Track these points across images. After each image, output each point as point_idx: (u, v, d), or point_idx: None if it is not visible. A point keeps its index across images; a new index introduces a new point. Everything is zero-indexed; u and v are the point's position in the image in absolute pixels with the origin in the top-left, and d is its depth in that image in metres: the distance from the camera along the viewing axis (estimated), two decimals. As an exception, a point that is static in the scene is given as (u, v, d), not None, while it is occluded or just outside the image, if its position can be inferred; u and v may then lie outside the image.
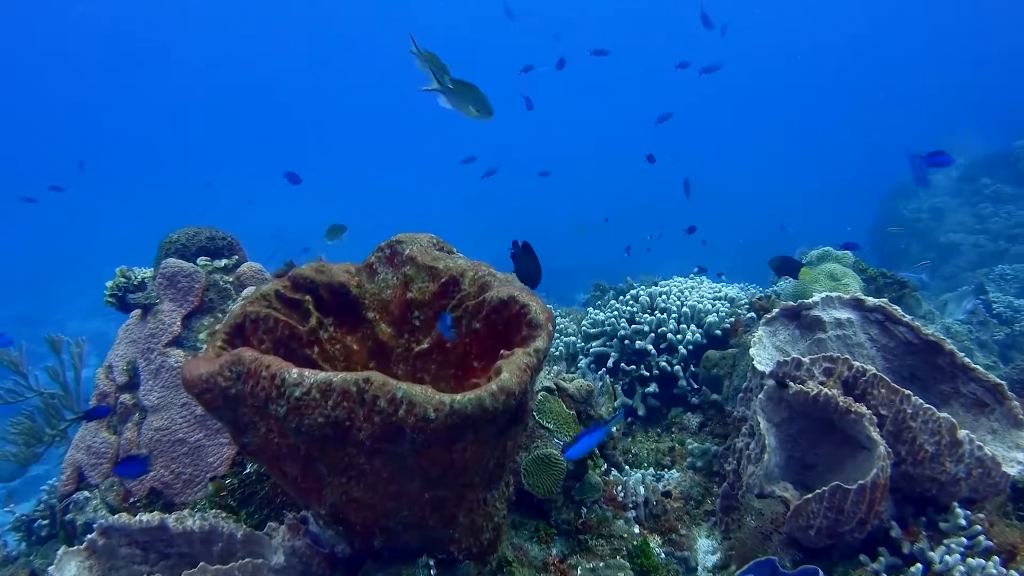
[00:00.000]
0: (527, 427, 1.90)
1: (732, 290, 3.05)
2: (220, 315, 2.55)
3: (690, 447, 2.56)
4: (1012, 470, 1.81)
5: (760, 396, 2.01)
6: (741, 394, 2.32)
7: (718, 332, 2.81)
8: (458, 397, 1.12)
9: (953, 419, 1.78)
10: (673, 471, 2.57)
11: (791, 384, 1.95)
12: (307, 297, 1.66)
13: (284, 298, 1.62)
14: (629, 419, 2.86)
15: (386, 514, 1.35)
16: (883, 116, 24.51)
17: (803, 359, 1.97)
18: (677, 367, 2.78)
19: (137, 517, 1.58)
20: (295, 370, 1.14)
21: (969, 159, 9.65)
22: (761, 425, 1.98)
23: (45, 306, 13.24)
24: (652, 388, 2.80)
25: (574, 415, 2.09)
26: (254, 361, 1.18)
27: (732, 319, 2.84)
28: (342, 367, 1.70)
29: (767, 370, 2.07)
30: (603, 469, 2.13)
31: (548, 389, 2.11)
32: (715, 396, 2.69)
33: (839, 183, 18.81)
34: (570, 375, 2.21)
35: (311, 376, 1.12)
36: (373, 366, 1.74)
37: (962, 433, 1.77)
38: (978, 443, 1.77)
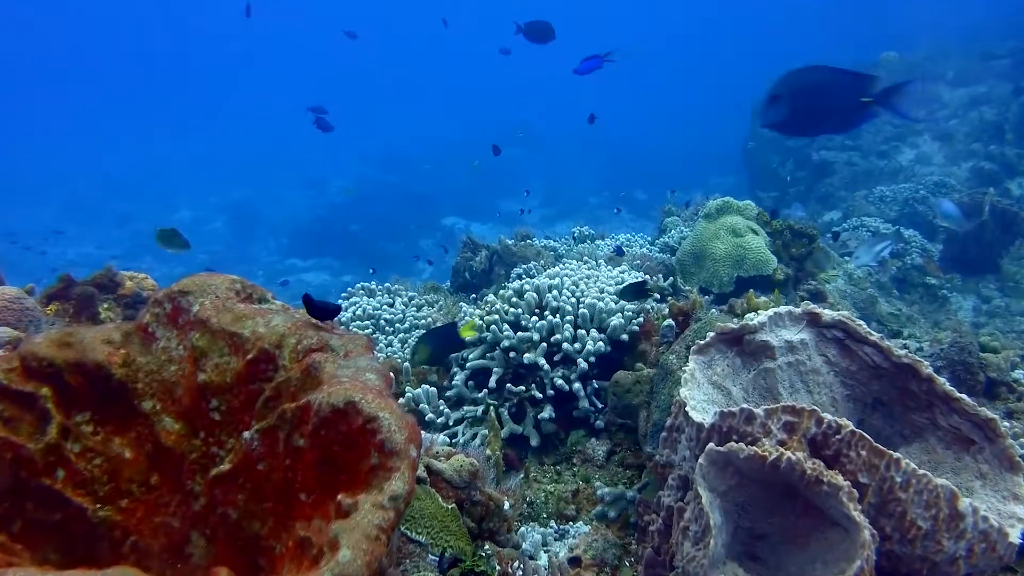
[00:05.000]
0: None
1: (637, 280, 2.54)
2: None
3: (599, 491, 2.10)
4: (1015, 533, 1.46)
5: (701, 461, 1.54)
6: (664, 433, 1.85)
7: (624, 337, 2.31)
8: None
9: (953, 487, 1.39)
10: (579, 523, 2.11)
11: (742, 446, 1.49)
12: (45, 390, 1.06)
13: (9, 393, 1.02)
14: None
15: None
16: (749, 35, 24.93)
17: (756, 411, 1.51)
18: (576, 384, 2.27)
19: None
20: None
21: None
22: (703, 499, 1.52)
23: None
24: (547, 412, 2.29)
25: (454, 508, 1.54)
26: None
27: (640, 318, 2.35)
28: (107, 491, 1.11)
29: (705, 421, 1.60)
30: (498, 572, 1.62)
31: (416, 479, 1.54)
32: (624, 420, 2.23)
33: (713, 105, 18.88)
34: (445, 448, 1.64)
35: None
36: (156, 482, 1.15)
37: (964, 504, 1.40)
38: (983, 513, 1.40)
